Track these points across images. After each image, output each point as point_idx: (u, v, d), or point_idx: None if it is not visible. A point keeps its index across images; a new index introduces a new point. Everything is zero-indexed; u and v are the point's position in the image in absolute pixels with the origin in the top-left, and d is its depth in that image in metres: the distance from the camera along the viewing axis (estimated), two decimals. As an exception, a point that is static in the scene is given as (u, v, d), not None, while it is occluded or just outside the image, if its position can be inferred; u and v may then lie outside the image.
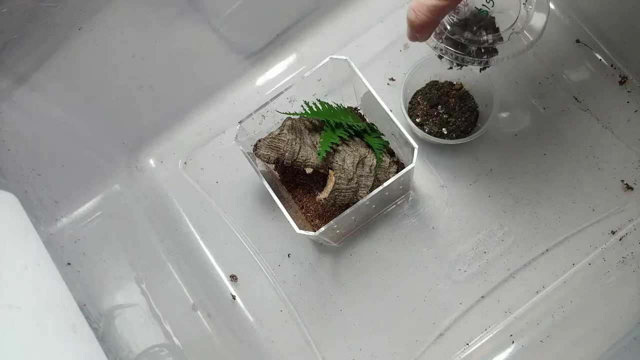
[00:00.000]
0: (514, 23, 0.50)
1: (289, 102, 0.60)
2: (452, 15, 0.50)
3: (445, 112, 0.66)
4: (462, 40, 0.49)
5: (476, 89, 0.67)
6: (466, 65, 0.51)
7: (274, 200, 0.55)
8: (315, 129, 0.61)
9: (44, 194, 0.62)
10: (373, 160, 0.58)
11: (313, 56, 0.73)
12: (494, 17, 0.50)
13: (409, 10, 0.42)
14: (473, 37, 0.49)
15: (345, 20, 0.74)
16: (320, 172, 0.60)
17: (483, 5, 0.50)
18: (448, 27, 0.50)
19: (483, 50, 0.50)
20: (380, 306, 0.64)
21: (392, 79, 0.71)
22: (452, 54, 0.49)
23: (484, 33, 0.50)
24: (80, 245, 0.63)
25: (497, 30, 0.50)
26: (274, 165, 0.66)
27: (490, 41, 0.50)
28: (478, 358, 0.61)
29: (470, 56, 0.49)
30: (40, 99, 0.62)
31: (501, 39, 0.50)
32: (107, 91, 0.67)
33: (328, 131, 0.58)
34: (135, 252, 0.66)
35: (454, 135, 0.65)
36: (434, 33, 0.49)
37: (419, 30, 0.43)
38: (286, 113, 0.59)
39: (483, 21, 0.50)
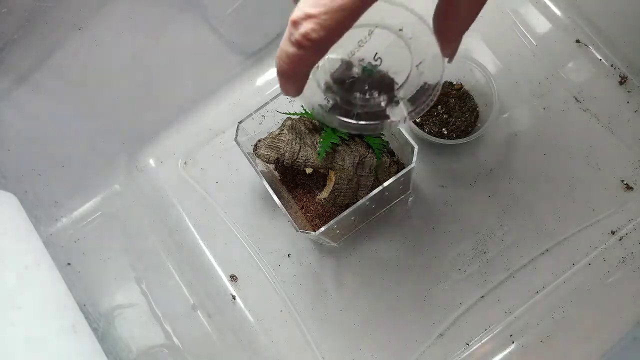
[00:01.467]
0: (404, 83, 0.41)
1: (289, 102, 0.60)
2: (335, 70, 0.40)
3: (445, 112, 0.66)
4: (344, 101, 0.40)
5: (476, 89, 0.67)
6: (352, 133, 0.42)
7: (274, 200, 0.55)
8: (315, 129, 0.61)
9: (44, 194, 0.62)
10: (373, 160, 0.58)
11: (313, 56, 0.73)
12: (391, 77, 0.41)
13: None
14: (362, 97, 0.40)
15: (345, 20, 0.74)
16: (320, 172, 0.60)
17: (368, 62, 0.41)
18: (332, 84, 0.40)
19: (373, 115, 0.40)
20: (380, 306, 0.64)
21: (392, 79, 0.71)
22: (335, 118, 0.40)
23: (375, 93, 0.41)
24: (80, 245, 0.63)
25: (391, 90, 0.41)
26: (274, 165, 0.66)
27: (381, 104, 0.40)
28: (478, 358, 0.61)
29: (356, 119, 0.40)
30: (40, 99, 0.62)
31: (395, 101, 0.41)
32: (107, 91, 0.67)
33: (328, 131, 0.58)
34: (135, 252, 0.66)
35: (454, 135, 0.65)
36: (322, 88, 0.40)
37: (283, 81, 0.34)
38: (286, 113, 0.59)
39: (371, 79, 0.41)
